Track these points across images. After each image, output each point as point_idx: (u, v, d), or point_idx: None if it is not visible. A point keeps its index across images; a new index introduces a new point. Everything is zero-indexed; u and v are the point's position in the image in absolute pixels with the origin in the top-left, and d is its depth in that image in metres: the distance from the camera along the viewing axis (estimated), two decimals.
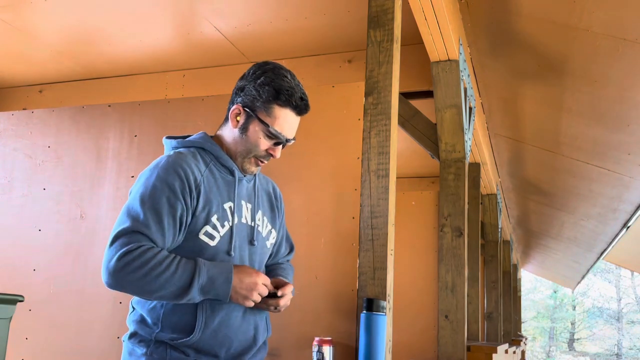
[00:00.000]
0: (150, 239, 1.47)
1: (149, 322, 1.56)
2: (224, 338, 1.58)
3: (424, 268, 4.21)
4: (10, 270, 2.80)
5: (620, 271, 28.74)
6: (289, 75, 1.64)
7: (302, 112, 1.66)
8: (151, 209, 1.49)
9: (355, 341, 2.10)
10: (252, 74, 1.65)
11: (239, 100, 1.65)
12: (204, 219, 1.57)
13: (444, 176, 3.62)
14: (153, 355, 1.54)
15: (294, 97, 1.61)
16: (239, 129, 1.65)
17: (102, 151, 2.80)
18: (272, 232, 1.79)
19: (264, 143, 1.64)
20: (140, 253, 1.43)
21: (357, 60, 3.89)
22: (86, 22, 3.71)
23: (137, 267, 1.42)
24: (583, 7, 3.03)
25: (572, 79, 3.84)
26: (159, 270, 1.44)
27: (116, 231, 1.47)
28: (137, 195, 1.51)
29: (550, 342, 30.35)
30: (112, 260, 1.43)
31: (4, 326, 2.00)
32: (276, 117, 1.62)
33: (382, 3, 2.25)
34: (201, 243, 1.56)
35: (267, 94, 1.60)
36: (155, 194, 1.50)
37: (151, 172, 1.55)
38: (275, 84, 1.61)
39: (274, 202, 1.83)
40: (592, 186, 5.59)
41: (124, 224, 1.48)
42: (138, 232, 1.46)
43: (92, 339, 2.60)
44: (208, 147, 1.65)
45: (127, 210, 1.51)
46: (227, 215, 1.62)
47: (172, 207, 1.51)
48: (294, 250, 1.97)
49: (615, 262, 12.04)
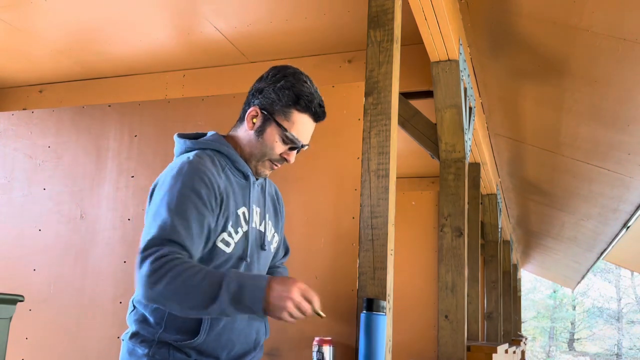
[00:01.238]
0: (182, 245, 1.42)
1: (152, 322, 1.54)
2: (227, 341, 1.57)
3: (424, 268, 4.21)
4: (10, 270, 2.80)
5: (620, 271, 28.73)
6: (308, 81, 1.63)
7: (319, 119, 1.65)
8: (178, 216, 1.44)
9: (355, 341, 2.10)
10: (271, 76, 1.63)
11: (257, 102, 1.62)
12: (222, 226, 1.54)
13: (444, 176, 3.62)
14: (155, 356, 1.52)
15: (313, 103, 1.60)
16: (255, 132, 1.61)
17: (102, 151, 2.80)
18: (275, 236, 1.78)
19: (280, 147, 1.61)
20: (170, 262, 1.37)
21: (357, 60, 3.89)
22: (86, 22, 3.71)
23: (172, 277, 1.35)
24: (583, 7, 3.03)
25: (572, 79, 3.84)
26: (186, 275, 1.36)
27: (145, 243, 1.41)
28: (164, 203, 1.46)
29: (550, 342, 30.34)
30: (146, 275, 1.36)
31: (4, 326, 2.00)
32: (294, 122, 1.60)
33: (382, 3, 2.25)
34: (217, 251, 1.53)
35: (287, 99, 1.58)
36: (182, 202, 1.45)
37: (175, 179, 1.50)
38: (296, 89, 1.59)
39: (277, 206, 1.82)
40: (592, 186, 5.59)
41: (151, 234, 1.42)
42: (168, 240, 1.41)
43: (92, 339, 2.60)
44: (224, 151, 1.61)
45: (154, 219, 1.45)
46: (240, 221, 1.59)
47: (200, 214, 1.47)
48: (289, 254, 1.96)
49: (615, 262, 12.04)
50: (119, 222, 2.66)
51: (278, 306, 1.36)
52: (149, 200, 1.56)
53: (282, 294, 1.36)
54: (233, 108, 2.58)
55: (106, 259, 2.65)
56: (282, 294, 1.36)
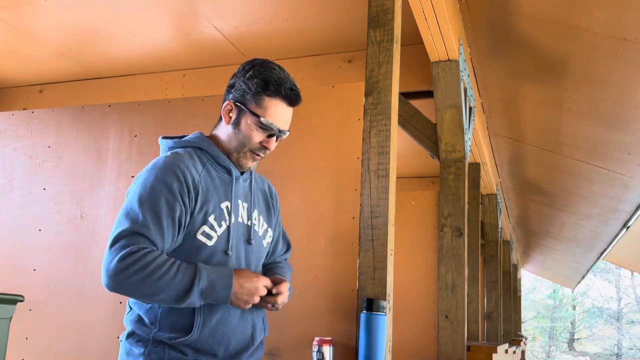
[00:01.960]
0: (150, 240, 1.47)
1: (147, 322, 1.56)
2: (222, 337, 1.58)
3: (424, 268, 4.22)
4: (10, 270, 2.80)
5: (620, 271, 28.73)
6: (277, 67, 1.66)
7: (294, 103, 1.67)
8: (150, 210, 1.49)
9: (355, 341, 2.10)
10: (241, 70, 1.69)
11: (230, 96, 1.68)
12: (202, 219, 1.57)
13: (444, 176, 3.62)
14: (151, 355, 1.54)
15: (283, 87, 1.63)
16: (232, 125, 1.66)
17: (102, 151, 2.80)
18: (268, 231, 1.80)
19: (257, 135, 1.64)
20: (141, 256, 1.43)
21: (357, 60, 3.89)
22: (86, 22, 3.71)
23: (138, 270, 1.42)
24: (583, 7, 3.03)
25: (572, 79, 3.84)
26: (160, 273, 1.44)
27: (115, 233, 1.46)
28: (136, 196, 1.51)
29: (550, 342, 30.35)
30: (112, 262, 1.42)
31: (4, 326, 2.00)
32: (266, 107, 1.63)
33: (382, 3, 2.25)
34: (199, 243, 1.56)
35: (256, 86, 1.62)
36: (153, 195, 1.50)
37: (149, 173, 1.55)
38: (264, 75, 1.63)
39: (269, 201, 1.84)
40: (592, 186, 5.59)
41: (123, 225, 1.47)
42: (138, 233, 1.46)
43: (92, 339, 2.60)
44: (205, 147, 1.66)
45: (125, 211, 1.50)
46: (224, 214, 1.62)
47: (171, 209, 1.51)
48: (291, 249, 1.96)
49: (615, 262, 12.04)
50: None
51: (244, 301, 1.55)
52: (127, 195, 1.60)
53: (250, 290, 1.55)
54: None
55: None
56: (251, 290, 1.56)
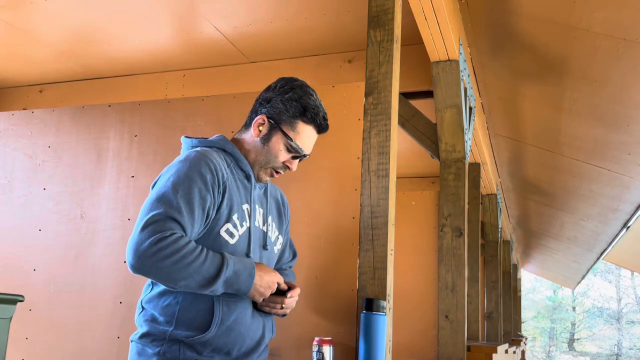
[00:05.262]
0: (182, 226, 1.49)
1: (162, 320, 1.57)
2: (237, 336, 1.60)
3: (424, 268, 4.21)
4: (10, 270, 2.80)
5: (620, 271, 28.72)
6: (314, 94, 1.73)
7: (322, 131, 1.75)
8: (183, 197, 1.51)
9: (355, 341, 2.10)
10: (280, 87, 1.72)
11: (264, 111, 1.72)
12: (226, 216, 1.60)
13: (444, 176, 3.62)
14: (166, 355, 1.54)
15: (318, 116, 1.70)
16: (261, 139, 1.70)
17: (102, 151, 2.80)
18: (279, 237, 1.84)
19: (284, 155, 1.71)
20: (173, 240, 1.44)
21: (357, 60, 3.89)
22: (86, 22, 3.71)
23: (169, 254, 1.43)
24: (583, 7, 3.03)
25: (572, 79, 3.84)
26: (190, 259, 1.45)
27: (148, 215, 1.47)
28: (169, 184, 1.53)
29: (550, 342, 30.34)
30: (144, 244, 1.43)
31: (4, 326, 2.00)
32: (299, 132, 1.70)
33: (382, 3, 2.25)
34: (221, 240, 1.59)
35: (294, 110, 1.68)
36: (188, 184, 1.53)
37: (182, 163, 1.58)
38: (303, 101, 1.69)
39: (281, 209, 1.88)
40: (592, 186, 5.59)
41: (156, 209, 1.48)
42: (171, 218, 1.48)
43: (92, 339, 2.60)
44: (229, 149, 1.70)
45: (157, 196, 1.51)
46: (245, 216, 1.66)
47: (203, 199, 1.54)
48: (296, 257, 2.00)
49: (615, 262, 12.04)
50: (119, 222, 2.66)
51: (260, 293, 1.60)
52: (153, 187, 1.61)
53: (268, 283, 1.61)
54: (233, 108, 2.59)
55: (106, 259, 2.65)
56: (268, 284, 1.61)
